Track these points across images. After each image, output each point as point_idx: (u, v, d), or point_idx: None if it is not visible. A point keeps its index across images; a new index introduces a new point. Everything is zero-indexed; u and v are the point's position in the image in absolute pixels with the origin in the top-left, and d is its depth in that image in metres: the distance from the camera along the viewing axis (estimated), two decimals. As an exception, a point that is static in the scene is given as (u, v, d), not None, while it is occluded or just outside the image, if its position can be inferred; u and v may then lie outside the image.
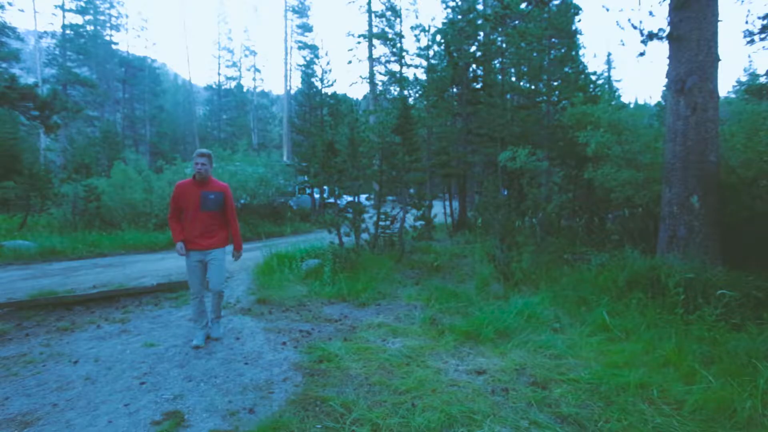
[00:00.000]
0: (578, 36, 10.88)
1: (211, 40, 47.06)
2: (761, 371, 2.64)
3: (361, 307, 4.96)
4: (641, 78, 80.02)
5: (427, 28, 14.58)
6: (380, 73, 23.52)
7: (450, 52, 12.55)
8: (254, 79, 40.15)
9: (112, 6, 33.07)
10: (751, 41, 6.17)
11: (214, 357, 3.44)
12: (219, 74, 38.81)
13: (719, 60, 4.86)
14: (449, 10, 14.92)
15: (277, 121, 39.76)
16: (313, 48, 33.54)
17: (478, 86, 13.11)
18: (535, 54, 10.37)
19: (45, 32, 28.46)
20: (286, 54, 33.14)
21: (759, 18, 6.00)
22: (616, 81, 31.76)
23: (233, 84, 39.36)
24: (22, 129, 21.36)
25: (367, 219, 7.65)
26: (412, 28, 16.09)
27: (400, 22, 22.79)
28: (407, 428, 2.33)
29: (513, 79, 12.76)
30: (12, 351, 3.55)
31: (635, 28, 5.35)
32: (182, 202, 3.58)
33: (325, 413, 2.51)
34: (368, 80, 22.93)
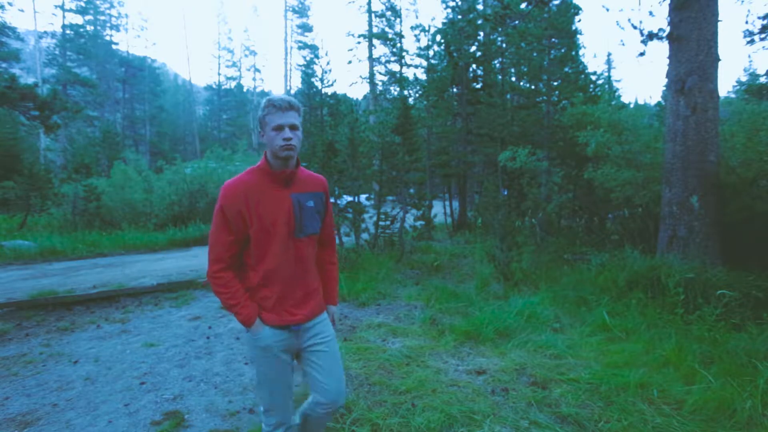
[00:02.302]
0: (578, 36, 10.88)
1: (211, 40, 47.14)
2: (761, 371, 2.64)
3: (361, 307, 4.96)
4: (641, 78, 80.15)
5: (427, 28, 14.60)
6: (380, 73, 23.52)
7: (450, 52, 12.56)
8: (254, 79, 40.23)
9: (112, 6, 33.10)
10: (751, 41, 6.17)
11: (214, 357, 3.44)
12: (219, 74, 38.88)
13: (719, 60, 4.86)
14: (449, 10, 14.91)
15: (277, 121, 39.69)
16: (313, 48, 33.59)
17: (478, 86, 13.12)
18: (535, 54, 10.36)
19: (45, 32, 28.49)
20: (286, 54, 33.17)
21: (759, 18, 6.00)
22: (616, 81, 31.79)
23: (233, 84, 39.42)
24: (22, 129, 21.37)
25: (367, 219, 7.66)
26: (412, 28, 16.09)
27: (400, 22, 22.79)
28: (407, 428, 2.33)
29: (513, 79, 12.77)
30: (12, 351, 3.54)
31: (635, 28, 5.35)
32: (252, 222, 1.53)
33: (325, 413, 2.51)
34: (368, 80, 22.93)
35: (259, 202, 1.52)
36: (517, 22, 9.24)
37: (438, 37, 13.95)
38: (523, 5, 8.42)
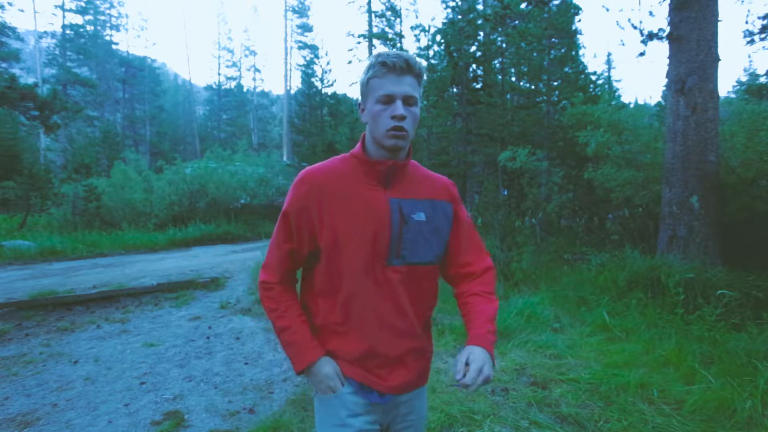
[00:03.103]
0: (578, 36, 10.90)
1: (211, 40, 47.17)
2: (761, 371, 2.64)
3: (361, 307, 4.96)
4: (641, 78, 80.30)
5: (427, 28, 14.61)
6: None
7: (450, 52, 12.56)
8: (254, 79, 40.25)
9: (112, 6, 33.12)
10: (751, 41, 6.17)
11: (214, 357, 3.44)
12: (219, 74, 38.89)
13: (719, 60, 4.86)
14: (449, 10, 14.93)
15: (277, 121, 39.79)
16: (313, 48, 33.56)
17: (478, 86, 13.13)
18: (535, 54, 10.38)
19: (45, 32, 28.52)
20: (286, 54, 33.19)
21: (759, 18, 6.00)
22: (616, 81, 31.77)
23: (233, 84, 39.43)
24: (22, 129, 21.39)
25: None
26: (412, 28, 16.11)
27: (400, 22, 22.80)
28: (407, 428, 2.33)
29: (513, 79, 12.78)
30: (12, 351, 3.54)
31: (635, 28, 5.36)
32: (323, 231, 1.00)
33: (325, 413, 2.51)
34: (368, 80, 22.90)
35: (338, 203, 0.99)
36: (517, 22, 9.24)
37: (438, 37, 13.97)
38: (523, 5, 8.42)
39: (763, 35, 6.06)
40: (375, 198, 1.01)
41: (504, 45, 12.37)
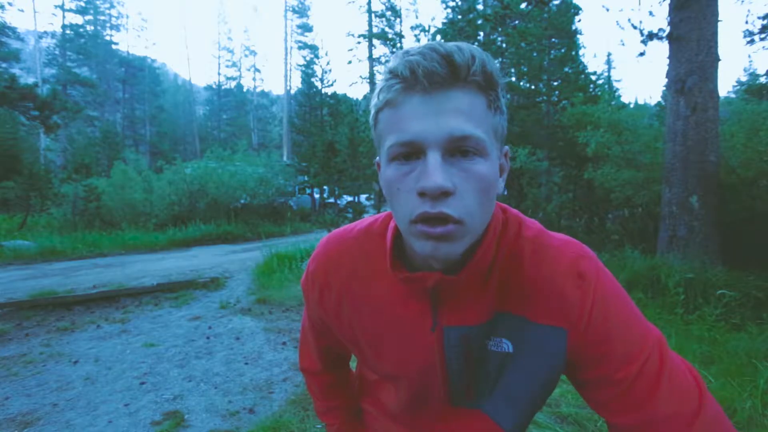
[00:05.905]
0: (578, 36, 10.90)
1: (211, 40, 47.18)
2: (761, 371, 2.63)
3: (361, 307, 4.95)
4: (641, 78, 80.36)
5: (427, 28, 14.62)
6: (380, 73, 23.52)
7: (450, 52, 12.57)
8: (254, 79, 40.28)
9: (112, 6, 33.15)
10: (751, 41, 6.17)
11: (214, 357, 3.44)
12: (219, 74, 38.93)
13: (719, 60, 4.86)
14: (449, 10, 14.93)
15: (277, 121, 39.80)
16: (313, 48, 33.58)
17: (478, 86, 13.10)
18: (535, 54, 10.38)
19: (45, 32, 28.55)
20: (286, 54, 33.21)
21: (759, 18, 6.00)
22: (616, 81, 31.79)
23: (233, 84, 39.47)
24: (22, 129, 21.38)
25: (367, 219, 7.65)
26: (412, 28, 16.14)
27: (400, 22, 22.82)
28: (407, 428, 2.33)
29: (513, 79, 12.77)
30: (12, 351, 3.55)
31: (635, 28, 5.36)
32: (351, 348, 0.70)
33: (325, 413, 2.51)
34: (368, 80, 22.95)
35: (364, 320, 0.63)
36: (517, 22, 9.25)
37: (438, 38, 13.96)
38: (523, 5, 8.42)
39: (763, 35, 6.06)
40: (417, 327, 0.59)
41: (504, 45, 12.36)
